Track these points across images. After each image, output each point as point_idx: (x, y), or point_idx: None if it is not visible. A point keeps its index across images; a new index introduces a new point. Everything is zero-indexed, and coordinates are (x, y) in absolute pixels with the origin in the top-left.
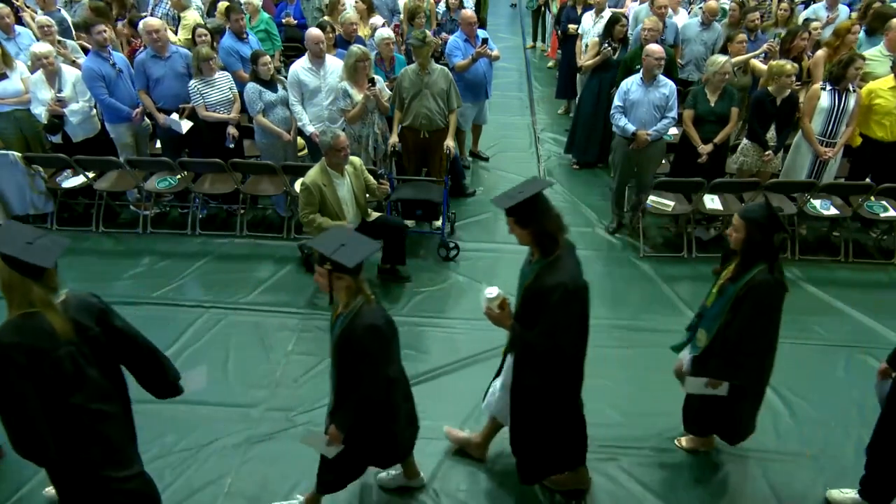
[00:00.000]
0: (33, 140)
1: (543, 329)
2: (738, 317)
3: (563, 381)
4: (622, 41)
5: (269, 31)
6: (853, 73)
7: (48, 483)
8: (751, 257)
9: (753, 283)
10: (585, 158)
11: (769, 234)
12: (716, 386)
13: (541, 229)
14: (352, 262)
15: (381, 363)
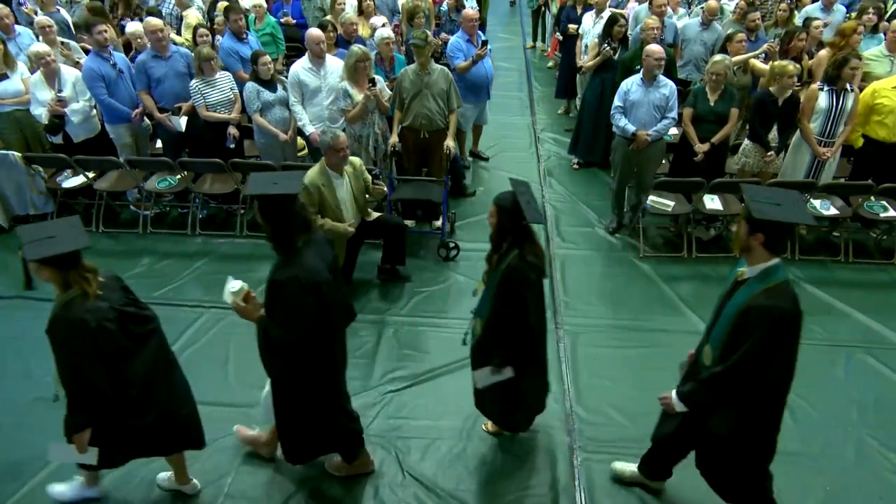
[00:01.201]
0: (33, 140)
1: (278, 320)
2: (495, 302)
3: (308, 370)
4: (622, 41)
5: (275, 34)
6: (848, 74)
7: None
8: (501, 240)
9: (507, 268)
10: (590, 158)
11: (516, 220)
12: (497, 372)
13: (277, 227)
14: (36, 256)
15: (84, 358)
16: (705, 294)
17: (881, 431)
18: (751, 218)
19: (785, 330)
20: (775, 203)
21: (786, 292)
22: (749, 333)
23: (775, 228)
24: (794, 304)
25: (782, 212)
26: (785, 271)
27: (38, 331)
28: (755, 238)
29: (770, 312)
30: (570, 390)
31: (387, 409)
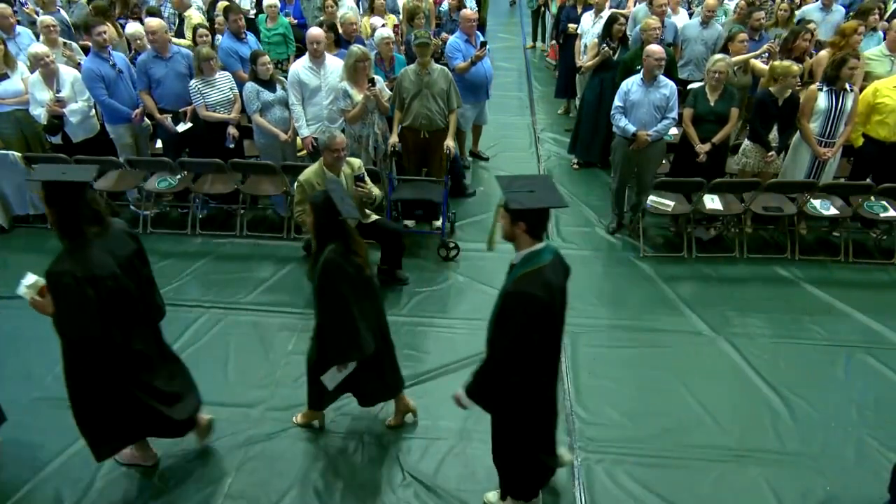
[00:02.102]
0: (33, 140)
1: (57, 315)
2: (317, 297)
3: (96, 362)
4: (621, 40)
5: (287, 35)
6: (846, 74)
7: None
8: (322, 238)
9: (324, 262)
10: (589, 158)
11: (332, 216)
12: (341, 370)
13: (61, 214)
14: None
15: None
16: (705, 294)
17: (881, 431)
18: (509, 209)
19: (528, 316)
20: (529, 191)
21: (538, 279)
22: (504, 319)
23: (534, 215)
24: (543, 290)
25: (537, 199)
26: (550, 254)
27: (38, 331)
28: (518, 227)
29: (518, 298)
30: (570, 390)
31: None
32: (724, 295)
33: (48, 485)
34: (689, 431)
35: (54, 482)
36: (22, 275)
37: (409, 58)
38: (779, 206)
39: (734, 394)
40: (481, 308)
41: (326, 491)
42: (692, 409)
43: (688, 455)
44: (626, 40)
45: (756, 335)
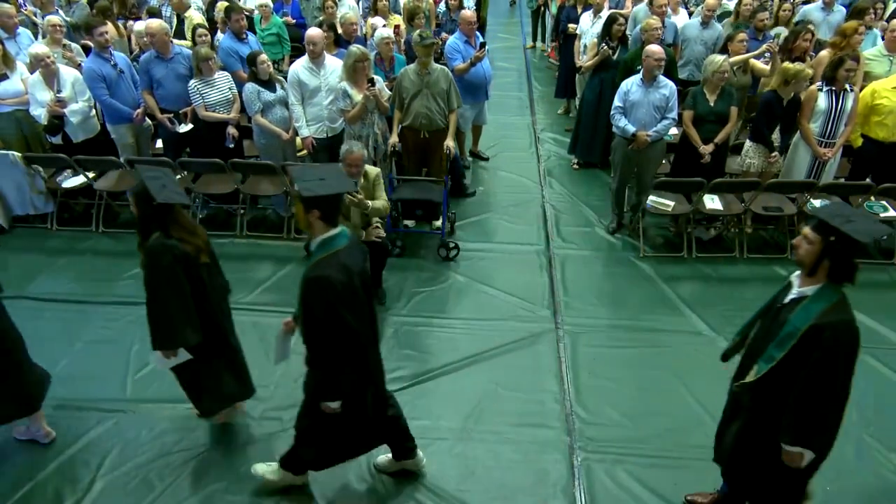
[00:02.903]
0: (33, 140)
1: None
2: (145, 286)
3: None
4: (621, 40)
5: (281, 34)
6: (843, 75)
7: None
8: (144, 226)
9: (147, 249)
10: (589, 158)
11: (150, 202)
12: (168, 356)
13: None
14: None
15: None
16: (705, 294)
17: (881, 431)
18: (303, 198)
19: (330, 297)
20: (320, 179)
21: (333, 262)
22: (308, 304)
23: (326, 202)
24: (340, 272)
25: (327, 186)
26: (345, 238)
27: (38, 331)
28: (312, 214)
29: (317, 282)
30: (570, 390)
31: None
32: (724, 295)
33: (48, 485)
34: (689, 431)
35: (54, 482)
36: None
37: (409, 58)
38: (779, 206)
39: None
40: (481, 308)
41: (326, 491)
42: (692, 409)
43: (688, 455)
44: (626, 40)
45: None
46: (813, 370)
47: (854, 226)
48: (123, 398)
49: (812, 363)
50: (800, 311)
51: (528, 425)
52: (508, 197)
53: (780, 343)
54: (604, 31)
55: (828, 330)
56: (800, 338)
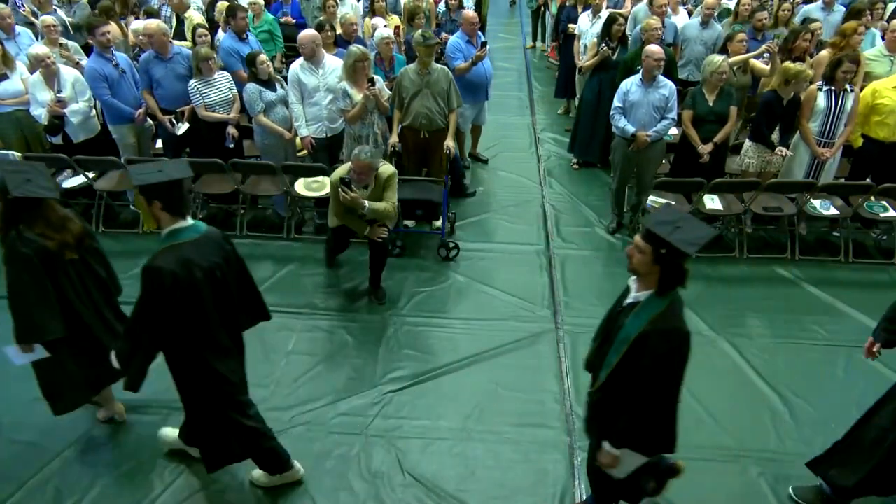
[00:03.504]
0: (34, 140)
1: None
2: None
3: None
4: (620, 40)
5: (273, 31)
6: (840, 76)
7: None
8: (6, 220)
9: (5, 241)
10: (587, 157)
11: (4, 197)
12: (26, 350)
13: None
14: None
15: None
16: (705, 294)
17: None
18: (142, 190)
19: (156, 289)
20: (158, 171)
21: (172, 254)
22: (141, 292)
23: (166, 193)
24: (178, 265)
25: (163, 174)
26: (196, 232)
27: None
28: (155, 206)
29: (148, 272)
30: (570, 390)
31: (387, 409)
32: (724, 295)
33: (48, 485)
34: (689, 431)
35: (54, 482)
36: None
37: (409, 58)
38: (779, 206)
39: (734, 394)
40: (481, 308)
41: (326, 491)
42: (692, 409)
43: (688, 455)
44: (626, 40)
45: (756, 335)
46: (641, 376)
47: (680, 235)
48: (123, 398)
49: (640, 369)
50: (633, 317)
51: (528, 425)
52: (508, 197)
53: (616, 349)
54: (603, 32)
55: (654, 336)
56: (631, 344)
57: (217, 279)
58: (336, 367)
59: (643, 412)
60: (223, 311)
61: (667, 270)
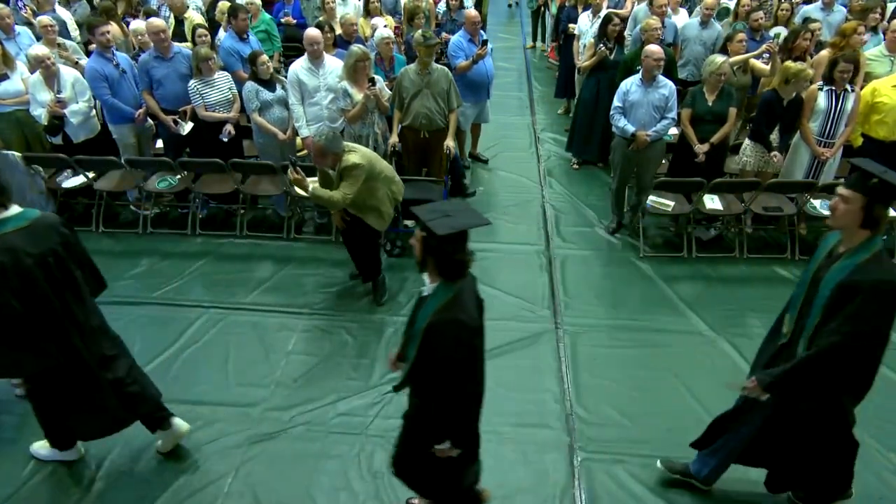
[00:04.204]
0: (34, 140)
1: None
2: None
3: None
4: (617, 40)
5: (270, 31)
6: (837, 76)
7: None
8: None
9: None
10: (586, 155)
11: None
12: None
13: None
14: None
15: None
16: (705, 294)
17: (881, 431)
18: None
19: None
20: None
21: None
22: None
23: None
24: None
25: None
26: (23, 220)
27: None
28: None
29: None
30: (570, 390)
31: (387, 409)
32: (724, 295)
33: (48, 485)
34: (689, 431)
35: (54, 482)
36: None
37: (409, 58)
38: (779, 206)
39: (734, 394)
40: None
41: (326, 491)
42: (692, 409)
43: (688, 455)
44: (623, 40)
45: (756, 335)
46: (432, 369)
47: (443, 221)
48: None
49: (432, 363)
50: (423, 310)
51: (528, 425)
52: (508, 197)
53: (413, 342)
54: (600, 32)
55: (434, 328)
56: (422, 336)
57: (50, 265)
58: (336, 367)
59: (443, 406)
60: (70, 291)
61: (436, 259)
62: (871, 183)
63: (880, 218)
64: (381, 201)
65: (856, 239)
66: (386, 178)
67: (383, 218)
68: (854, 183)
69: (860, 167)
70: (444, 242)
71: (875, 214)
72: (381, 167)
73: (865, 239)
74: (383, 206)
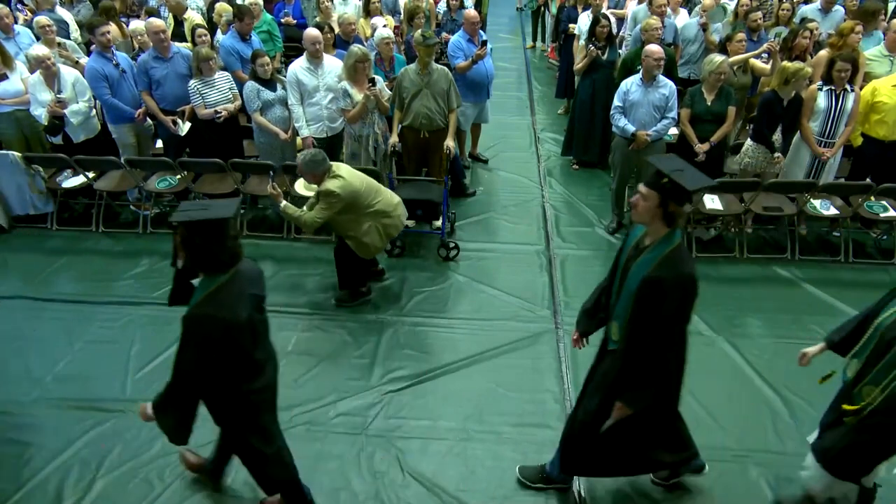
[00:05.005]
0: (34, 140)
1: None
2: None
3: None
4: (608, 40)
5: (272, 32)
6: (836, 75)
7: None
8: None
9: None
10: (586, 157)
11: None
12: None
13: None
14: None
15: None
16: (705, 294)
17: None
18: None
19: None
20: None
21: None
22: None
23: None
24: None
25: None
26: None
27: (38, 331)
28: None
29: None
30: (570, 390)
31: (387, 409)
32: (724, 295)
33: (48, 485)
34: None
35: (54, 482)
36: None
37: (409, 58)
38: (779, 206)
39: (734, 394)
40: (481, 308)
41: (326, 491)
42: (692, 409)
43: None
44: (612, 39)
45: (756, 335)
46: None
47: (197, 213)
48: (123, 398)
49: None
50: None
51: (528, 425)
52: (508, 197)
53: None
54: (589, 33)
55: (187, 321)
56: (182, 328)
57: None
58: (336, 367)
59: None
60: None
61: (192, 253)
62: (663, 182)
63: (675, 214)
64: (366, 234)
65: (658, 233)
66: (376, 212)
67: (368, 249)
68: (650, 181)
69: (655, 165)
70: (195, 233)
71: (670, 211)
72: (369, 201)
73: (666, 234)
74: (367, 238)
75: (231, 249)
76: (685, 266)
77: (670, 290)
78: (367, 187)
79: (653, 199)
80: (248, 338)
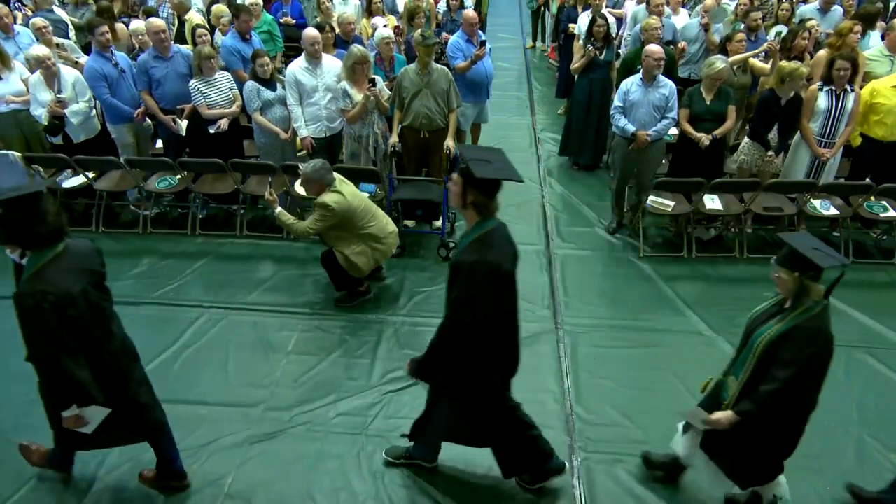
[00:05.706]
0: (34, 140)
1: None
2: None
3: None
4: (605, 39)
5: (272, 32)
6: (835, 75)
7: None
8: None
9: None
10: (580, 159)
11: None
12: None
13: None
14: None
15: None
16: (705, 294)
17: (881, 431)
18: None
19: None
20: None
21: None
22: None
23: None
24: None
25: None
26: None
27: None
28: None
29: None
30: (570, 390)
31: (387, 409)
32: (724, 295)
33: (48, 485)
34: None
35: (54, 482)
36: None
37: (409, 58)
38: (779, 206)
39: None
40: None
41: (326, 491)
42: None
43: None
44: (610, 39)
45: None
46: None
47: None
48: None
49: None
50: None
51: None
52: (508, 197)
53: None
54: (587, 33)
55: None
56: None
57: None
58: (336, 367)
59: None
60: None
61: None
62: (462, 168)
63: (476, 202)
64: (354, 254)
65: (470, 221)
66: (368, 235)
67: (355, 267)
68: (458, 169)
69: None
70: (11, 210)
71: (471, 198)
72: (363, 223)
73: (476, 222)
74: (355, 258)
75: (51, 224)
76: (481, 255)
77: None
78: (363, 209)
79: (459, 185)
80: (84, 310)
